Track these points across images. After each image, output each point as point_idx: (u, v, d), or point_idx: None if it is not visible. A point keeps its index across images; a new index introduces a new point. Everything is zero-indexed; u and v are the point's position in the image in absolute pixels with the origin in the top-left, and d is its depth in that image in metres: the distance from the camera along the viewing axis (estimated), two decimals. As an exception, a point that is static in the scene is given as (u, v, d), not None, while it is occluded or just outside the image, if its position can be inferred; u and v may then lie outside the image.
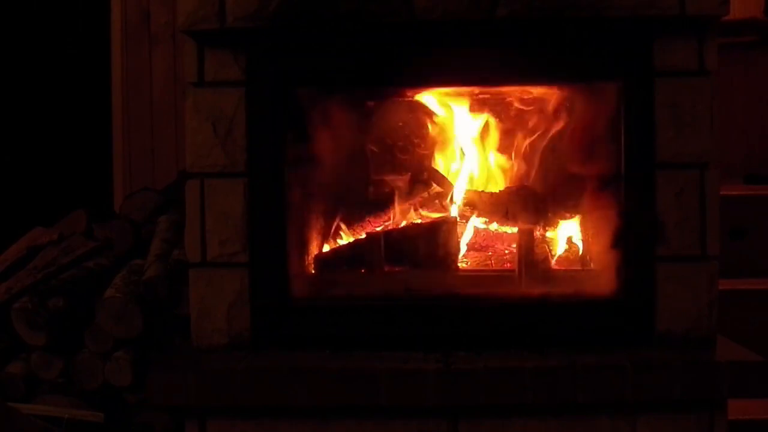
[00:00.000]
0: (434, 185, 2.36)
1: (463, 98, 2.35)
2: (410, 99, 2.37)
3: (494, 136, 2.40)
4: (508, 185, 2.38)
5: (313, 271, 2.25)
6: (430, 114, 2.39)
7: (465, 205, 2.33)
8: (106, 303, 2.33)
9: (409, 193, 2.36)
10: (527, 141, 2.37)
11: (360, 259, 2.25)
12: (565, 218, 2.31)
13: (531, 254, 2.19)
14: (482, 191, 2.37)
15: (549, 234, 2.32)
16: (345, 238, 2.35)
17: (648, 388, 1.92)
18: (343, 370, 1.95)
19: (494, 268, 2.30)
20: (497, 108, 2.37)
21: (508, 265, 2.29)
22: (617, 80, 2.08)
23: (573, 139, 2.28)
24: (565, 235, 2.31)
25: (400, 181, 2.40)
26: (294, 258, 2.15)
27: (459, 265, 2.27)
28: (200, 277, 2.10)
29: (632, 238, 2.07)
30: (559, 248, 2.32)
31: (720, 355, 1.99)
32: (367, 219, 2.37)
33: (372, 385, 1.93)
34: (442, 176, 2.36)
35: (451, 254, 2.23)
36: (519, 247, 2.20)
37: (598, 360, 1.96)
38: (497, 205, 2.32)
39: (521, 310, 2.10)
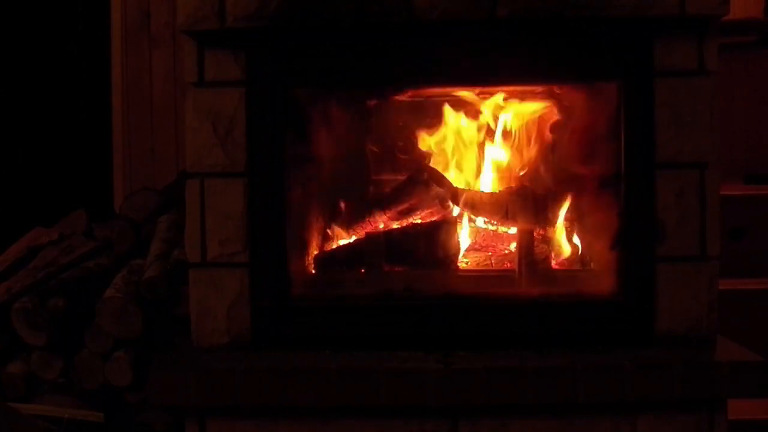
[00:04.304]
0: (434, 185, 2.35)
1: (462, 98, 2.35)
2: (410, 99, 2.37)
3: (494, 135, 2.40)
4: (508, 185, 2.38)
5: (313, 271, 2.25)
6: (429, 114, 2.39)
7: (465, 205, 2.33)
8: (106, 303, 2.33)
9: (409, 193, 2.36)
10: (527, 141, 2.37)
11: (360, 259, 2.25)
12: (565, 218, 2.31)
13: (531, 254, 2.19)
14: (482, 191, 2.37)
15: (549, 234, 2.32)
16: (345, 238, 2.35)
17: (648, 388, 1.92)
18: (343, 370, 1.95)
19: (494, 268, 2.30)
20: (497, 108, 2.37)
21: (508, 265, 2.29)
22: (617, 80, 2.08)
23: (573, 139, 2.28)
24: (565, 235, 2.31)
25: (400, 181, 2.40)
26: (294, 258, 2.15)
27: (459, 265, 2.27)
28: (200, 277, 2.10)
29: (632, 238, 2.07)
30: (559, 248, 2.31)
31: (720, 355, 1.99)
32: (367, 219, 2.37)
33: (372, 385, 1.93)
34: (442, 176, 2.36)
35: (451, 254, 2.23)
36: (519, 247, 2.20)
37: (598, 360, 1.96)
38: (497, 205, 2.32)
39: (521, 310, 2.09)
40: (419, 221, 2.36)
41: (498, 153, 2.41)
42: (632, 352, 1.99)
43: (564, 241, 2.31)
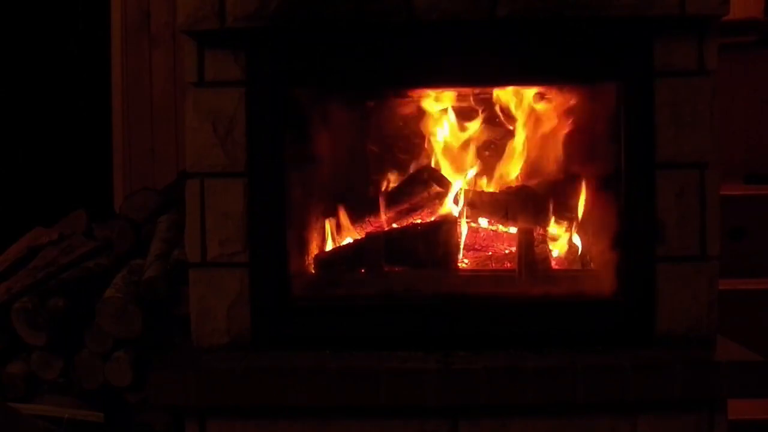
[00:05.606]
0: (434, 185, 2.35)
1: (462, 98, 2.35)
2: (410, 99, 2.37)
3: (494, 135, 2.40)
4: (508, 185, 2.38)
5: (313, 271, 2.25)
6: (429, 114, 2.39)
7: (465, 205, 2.33)
8: (107, 303, 2.33)
9: (409, 193, 2.36)
10: (527, 141, 2.37)
11: (360, 259, 2.25)
12: (565, 218, 2.31)
13: (531, 254, 2.19)
14: (482, 191, 2.37)
15: (549, 234, 2.32)
16: (345, 238, 2.35)
17: (648, 388, 1.92)
18: (343, 370, 1.95)
19: (494, 268, 2.30)
20: (497, 108, 2.37)
21: (508, 265, 2.29)
22: (617, 80, 2.08)
23: (573, 139, 2.28)
24: (565, 235, 2.31)
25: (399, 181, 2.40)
26: (294, 258, 2.15)
27: (459, 265, 2.26)
28: (200, 277, 2.10)
29: (632, 238, 2.07)
30: (559, 248, 2.31)
31: (720, 355, 1.99)
32: (367, 219, 2.37)
33: (372, 385, 1.93)
34: (442, 176, 2.36)
35: (451, 254, 2.23)
36: (519, 247, 2.20)
37: (598, 360, 1.96)
38: (497, 205, 2.32)
39: (521, 310, 2.09)
40: (419, 221, 2.36)
41: (498, 153, 2.41)
42: (632, 352, 1.99)
43: (564, 241, 2.31)
